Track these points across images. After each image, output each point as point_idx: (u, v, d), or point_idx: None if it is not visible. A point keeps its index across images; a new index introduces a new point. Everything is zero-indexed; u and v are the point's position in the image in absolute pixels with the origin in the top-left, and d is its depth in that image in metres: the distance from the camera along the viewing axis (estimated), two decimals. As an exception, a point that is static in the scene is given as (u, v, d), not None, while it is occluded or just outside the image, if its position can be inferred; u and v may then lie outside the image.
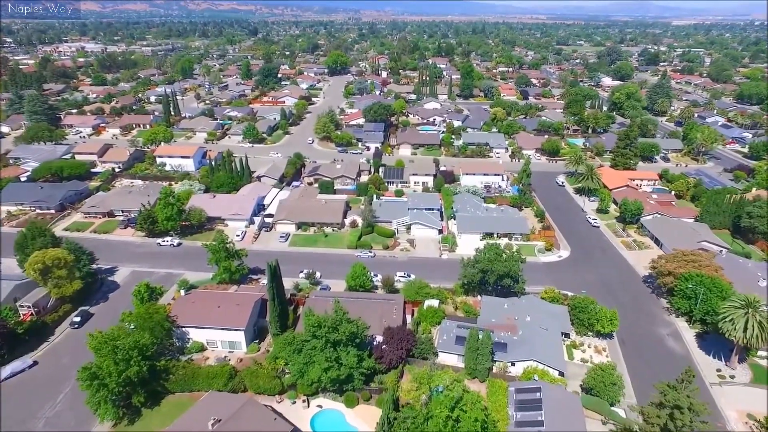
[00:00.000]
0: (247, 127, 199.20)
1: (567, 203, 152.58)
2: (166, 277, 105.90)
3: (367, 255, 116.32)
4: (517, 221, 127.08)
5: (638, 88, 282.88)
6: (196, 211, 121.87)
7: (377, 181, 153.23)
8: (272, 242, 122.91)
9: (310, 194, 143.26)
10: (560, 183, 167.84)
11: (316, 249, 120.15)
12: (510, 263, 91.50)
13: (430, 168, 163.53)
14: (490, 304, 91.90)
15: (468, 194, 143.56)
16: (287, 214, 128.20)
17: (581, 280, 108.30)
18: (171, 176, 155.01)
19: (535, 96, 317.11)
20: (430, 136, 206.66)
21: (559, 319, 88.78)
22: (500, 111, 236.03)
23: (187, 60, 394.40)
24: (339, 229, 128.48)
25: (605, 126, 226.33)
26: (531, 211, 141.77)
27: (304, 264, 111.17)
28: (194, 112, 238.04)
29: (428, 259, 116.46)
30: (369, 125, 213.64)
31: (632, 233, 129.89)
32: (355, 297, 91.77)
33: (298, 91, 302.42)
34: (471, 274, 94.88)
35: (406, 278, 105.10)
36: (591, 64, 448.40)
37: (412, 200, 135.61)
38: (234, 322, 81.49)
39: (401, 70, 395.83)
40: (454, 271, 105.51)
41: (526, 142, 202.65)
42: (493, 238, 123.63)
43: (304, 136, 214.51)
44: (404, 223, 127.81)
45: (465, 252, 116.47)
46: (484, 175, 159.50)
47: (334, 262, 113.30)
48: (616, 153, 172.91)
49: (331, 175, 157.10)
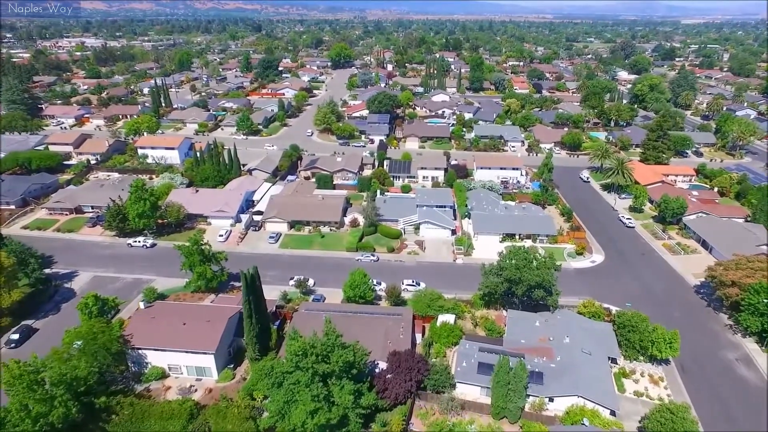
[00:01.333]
0: (240, 118, 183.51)
1: (594, 201, 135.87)
2: (133, 284, 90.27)
3: (369, 259, 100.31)
4: (542, 221, 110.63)
5: (661, 79, 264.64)
6: (173, 208, 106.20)
7: (381, 176, 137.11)
8: (260, 243, 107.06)
9: (305, 189, 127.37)
10: (585, 178, 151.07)
11: (310, 251, 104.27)
12: (542, 271, 75.09)
13: (441, 161, 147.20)
14: (518, 320, 75.55)
15: (484, 190, 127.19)
16: (278, 211, 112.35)
17: (622, 290, 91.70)
18: (152, 169, 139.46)
19: (548, 89, 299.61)
20: (439, 129, 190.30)
21: (603, 340, 72.32)
22: (514, 102, 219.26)
23: (185, 53, 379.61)
24: (337, 229, 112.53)
25: (628, 119, 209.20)
26: (555, 210, 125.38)
27: (296, 269, 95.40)
28: (187, 104, 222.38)
29: (440, 264, 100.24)
30: (373, 116, 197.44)
31: (674, 235, 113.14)
32: (354, 311, 75.74)
33: (299, 84, 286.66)
34: (494, 284, 78.54)
35: (415, 287, 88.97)
36: (605, 58, 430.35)
37: (420, 196, 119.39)
38: (202, 343, 65.55)
39: (407, 63, 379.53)
40: (472, 279, 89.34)
41: (543, 135, 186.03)
42: (515, 240, 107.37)
43: (303, 128, 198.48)
44: (412, 222, 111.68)
45: (482, 256, 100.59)
46: (500, 170, 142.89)
47: (330, 267, 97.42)
48: (647, 146, 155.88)
49: (330, 169, 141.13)
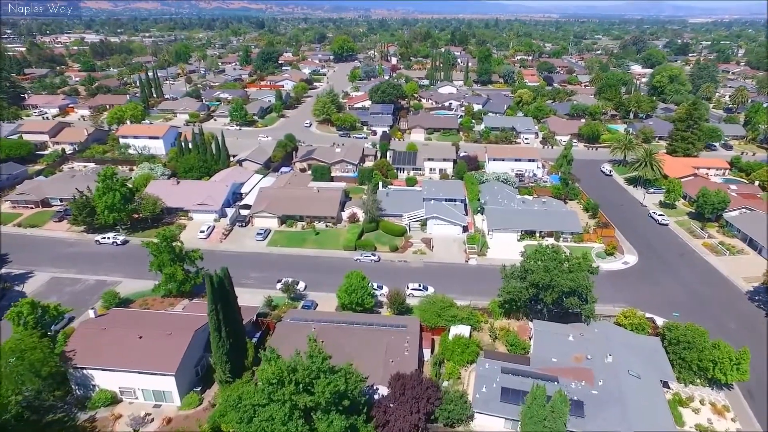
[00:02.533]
0: (233, 107, 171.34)
1: (619, 196, 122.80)
2: (95, 286, 78.09)
3: (369, 259, 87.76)
4: (565, 217, 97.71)
5: (681, 70, 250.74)
6: (148, 200, 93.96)
7: (384, 167, 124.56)
8: (247, 241, 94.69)
9: (300, 181, 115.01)
10: (607, 172, 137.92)
11: (302, 250, 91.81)
12: (576, 274, 62.25)
13: (449, 152, 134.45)
14: (547, 333, 62.75)
15: (498, 183, 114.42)
16: (268, 205, 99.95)
17: (663, 297, 78.76)
18: (133, 159, 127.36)
19: (560, 83, 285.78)
20: (446, 120, 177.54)
21: (652, 358, 59.47)
22: (526, 93, 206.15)
23: (183, 46, 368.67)
24: (334, 225, 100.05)
25: (649, 110, 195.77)
26: (577, 205, 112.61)
27: (286, 270, 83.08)
28: (180, 95, 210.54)
29: (451, 265, 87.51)
30: (376, 107, 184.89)
31: (714, 233, 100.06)
32: (349, 321, 63.26)
33: (299, 76, 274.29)
34: (517, 290, 65.75)
35: (422, 293, 76.33)
36: (617, 53, 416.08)
37: (428, 189, 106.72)
38: (160, 362, 53.15)
39: (412, 56, 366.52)
40: (488, 283, 76.96)
41: (559, 127, 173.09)
42: (535, 238, 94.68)
43: (301, 119, 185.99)
44: (418, 217, 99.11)
45: (499, 256, 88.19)
46: (515, 161, 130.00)
47: (325, 269, 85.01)
48: (675, 136, 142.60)
49: (328, 160, 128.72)
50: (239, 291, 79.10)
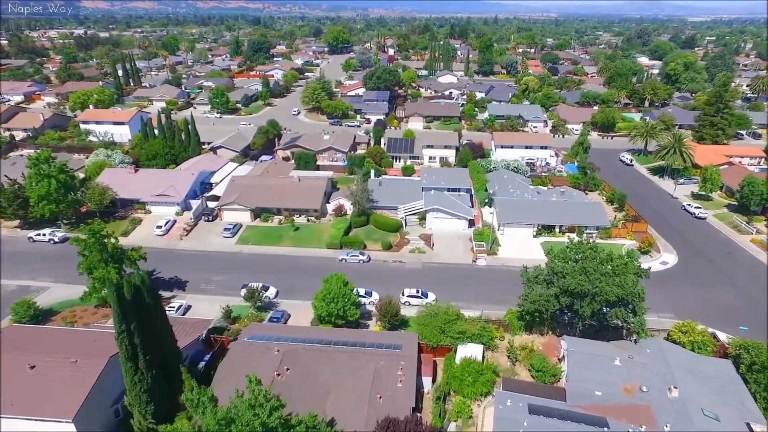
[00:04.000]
0: (213, 93, 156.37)
1: (645, 187, 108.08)
2: (15, 293, 62.86)
3: (357, 258, 72.91)
4: (590, 209, 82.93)
5: (696, 57, 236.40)
6: (94, 190, 78.94)
7: (378, 155, 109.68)
8: (212, 238, 79.72)
9: (280, 170, 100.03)
10: (627, 161, 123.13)
11: (278, 249, 76.90)
12: (624, 279, 47.39)
13: (451, 139, 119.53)
14: (584, 355, 47.91)
15: (508, 171, 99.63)
16: (240, 195, 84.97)
17: (718, 305, 63.98)
18: (91, 146, 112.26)
19: (565, 74, 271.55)
20: (447, 108, 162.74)
21: (727, 389, 44.70)
22: (533, 80, 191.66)
23: (171, 38, 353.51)
24: (317, 219, 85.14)
25: (666, 98, 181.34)
26: (599, 196, 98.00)
27: (256, 273, 68.37)
28: (159, 82, 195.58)
29: (455, 266, 72.65)
30: (370, 94, 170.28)
31: (763, 228, 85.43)
32: (326, 340, 48.40)
33: (290, 66, 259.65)
34: (544, 299, 50.86)
35: (421, 300, 61.53)
36: (622, 46, 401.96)
37: (427, 177, 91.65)
38: (55, 404, 38.14)
39: (410, 48, 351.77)
40: (501, 288, 62.54)
41: (570, 115, 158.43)
42: (554, 234, 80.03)
43: (289, 108, 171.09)
44: (416, 210, 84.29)
45: (511, 255, 73.63)
46: (525, 149, 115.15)
47: (303, 271, 70.20)
48: (703, 121, 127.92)
49: (314, 148, 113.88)
50: (196, 298, 64.82)
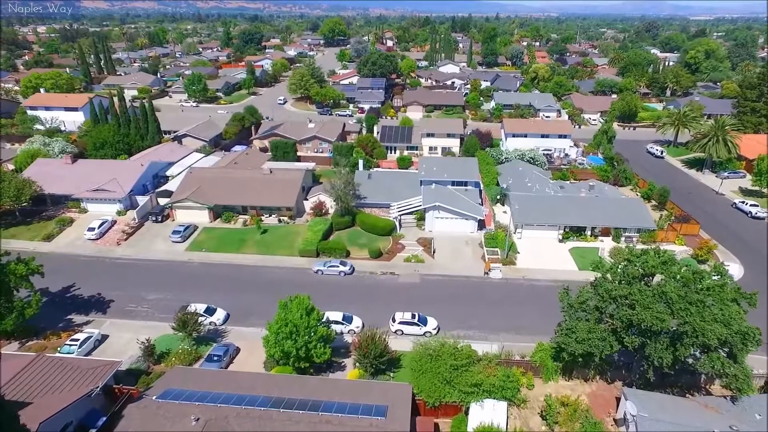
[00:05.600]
0: (188, 79, 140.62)
1: (682, 182, 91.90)
2: None
3: (336, 270, 56.95)
4: (629, 207, 66.99)
5: (719, 45, 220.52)
6: (11, 183, 63.12)
7: (369, 144, 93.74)
8: (158, 243, 63.81)
9: (251, 161, 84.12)
10: (658, 153, 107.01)
11: (239, 257, 61.02)
12: (727, 312, 31.35)
13: (455, 127, 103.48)
14: (662, 423, 32.00)
15: (523, 163, 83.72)
16: (197, 190, 69.15)
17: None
18: (36, 134, 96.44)
19: (574, 64, 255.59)
20: (449, 96, 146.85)
21: None
22: (542, 68, 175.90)
23: (160, 29, 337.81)
24: (291, 220, 69.29)
25: (690, 86, 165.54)
26: (632, 192, 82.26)
27: (206, 289, 52.66)
28: (135, 70, 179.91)
29: (462, 280, 56.67)
30: (365, 81, 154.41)
31: (839, 231, 69.61)
32: (277, 399, 32.31)
33: (282, 56, 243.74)
34: (597, 338, 34.75)
35: (418, 328, 45.62)
36: (630, 37, 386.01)
37: (427, 167, 75.46)
38: None
39: (410, 40, 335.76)
40: (522, 309, 46.94)
41: (585, 104, 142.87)
42: (585, 238, 64.22)
43: (276, 98, 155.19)
44: (413, 208, 68.45)
45: (533, 264, 57.95)
46: (541, 138, 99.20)
47: (267, 286, 54.38)
48: (743, 107, 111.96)
49: (296, 137, 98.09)
50: (118, 325, 48.33)
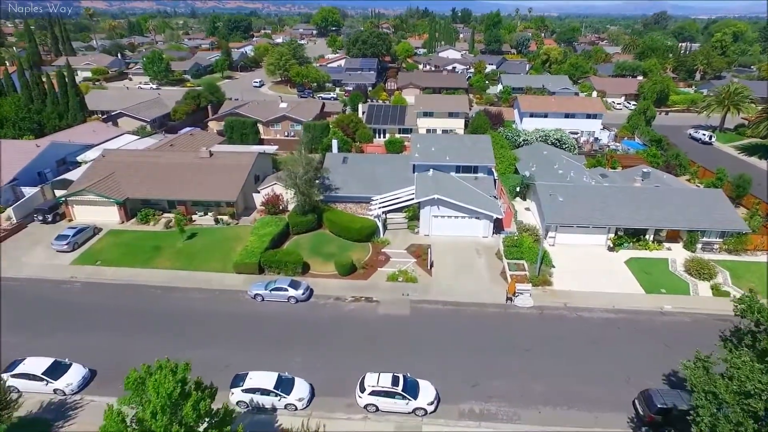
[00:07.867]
0: (148, 58, 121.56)
1: (744, 172, 72.93)
2: None
3: (285, 295, 37.61)
4: (710, 202, 47.77)
5: (748, 26, 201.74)
6: None
7: (351, 124, 74.44)
8: (37, 252, 44.66)
9: (195, 144, 64.91)
10: (705, 138, 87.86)
11: (146, 273, 41.67)
12: None
13: (459, 105, 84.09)
14: None
15: (547, 146, 64.57)
16: (104, 180, 50.00)
17: None
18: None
19: (586, 51, 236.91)
20: (450, 78, 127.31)
21: None
22: (555, 50, 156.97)
23: (142, 18, 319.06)
24: (234, 220, 50.11)
25: (721, 69, 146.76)
26: (692, 183, 63.29)
27: (82, 327, 33.28)
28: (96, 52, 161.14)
29: (475, 310, 37.37)
30: (354, 62, 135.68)
31: None
32: None
33: (268, 42, 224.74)
34: None
35: (402, 403, 26.30)
36: (638, 29, 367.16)
37: (422, 148, 55.48)
38: None
39: (408, 30, 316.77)
40: (574, 359, 26.85)
41: (608, 86, 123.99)
42: (644, 244, 45.04)
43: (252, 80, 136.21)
44: (401, 202, 49.14)
45: (575, 285, 38.38)
46: (565, 118, 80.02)
47: (174, 322, 35.06)
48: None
49: (262, 117, 78.99)
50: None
